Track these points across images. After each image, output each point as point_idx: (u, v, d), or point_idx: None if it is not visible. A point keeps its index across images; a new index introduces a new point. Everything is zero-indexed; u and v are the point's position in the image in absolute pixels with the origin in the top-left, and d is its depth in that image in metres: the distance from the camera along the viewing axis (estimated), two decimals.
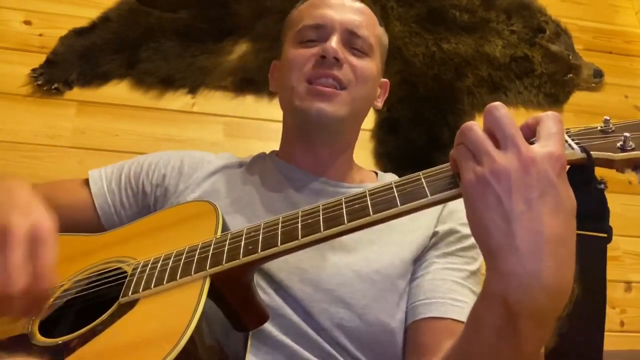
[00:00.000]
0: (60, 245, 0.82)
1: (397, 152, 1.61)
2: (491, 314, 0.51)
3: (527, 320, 0.48)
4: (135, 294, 0.65)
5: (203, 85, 1.62)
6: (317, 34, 0.90)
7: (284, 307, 0.77)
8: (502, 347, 0.51)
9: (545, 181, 0.47)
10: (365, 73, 0.90)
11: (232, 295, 0.65)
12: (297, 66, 0.89)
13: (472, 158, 0.51)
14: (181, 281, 0.64)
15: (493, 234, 0.48)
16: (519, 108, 1.82)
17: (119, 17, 1.63)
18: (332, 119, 0.86)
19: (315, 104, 0.86)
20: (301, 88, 0.88)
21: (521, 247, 0.46)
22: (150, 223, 0.82)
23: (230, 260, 0.63)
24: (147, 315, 0.63)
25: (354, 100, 0.89)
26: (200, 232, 0.72)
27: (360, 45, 0.91)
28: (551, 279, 0.46)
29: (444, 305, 0.78)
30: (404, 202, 0.56)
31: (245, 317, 0.67)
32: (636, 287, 1.64)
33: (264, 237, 0.63)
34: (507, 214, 0.47)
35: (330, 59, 0.86)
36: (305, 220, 0.62)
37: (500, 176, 0.48)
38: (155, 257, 0.70)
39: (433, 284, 0.81)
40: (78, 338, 0.63)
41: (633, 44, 2.05)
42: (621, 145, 0.51)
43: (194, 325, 0.57)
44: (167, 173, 0.95)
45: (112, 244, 0.80)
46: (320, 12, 0.91)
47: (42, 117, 1.50)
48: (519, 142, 0.49)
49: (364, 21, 0.92)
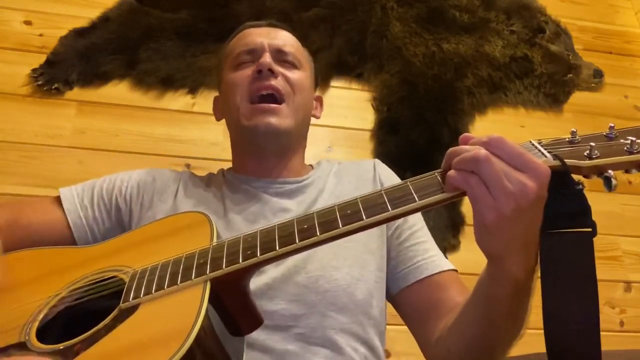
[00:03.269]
0: (53, 257, 0.83)
1: (397, 152, 1.61)
2: (504, 290, 0.63)
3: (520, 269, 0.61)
4: (136, 299, 0.65)
5: (203, 85, 1.62)
6: (251, 56, 0.99)
7: (274, 312, 0.79)
8: (518, 299, 0.64)
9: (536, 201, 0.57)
10: (300, 83, 0.99)
11: (230, 299, 0.66)
12: (237, 86, 0.97)
13: (487, 193, 0.56)
14: (182, 285, 0.64)
15: (502, 247, 0.59)
16: (519, 108, 1.82)
17: (119, 17, 1.63)
18: (279, 130, 0.94)
19: (263, 119, 0.93)
20: (245, 107, 0.95)
21: (517, 248, 0.59)
22: (144, 234, 0.83)
23: (230, 264, 0.65)
24: (150, 317, 0.63)
25: (295, 110, 0.97)
26: (195, 240, 0.73)
27: (289, 59, 1.00)
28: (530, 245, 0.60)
29: (427, 264, 0.91)
30: (394, 207, 0.61)
31: (241, 321, 0.68)
32: (636, 287, 1.64)
33: (262, 241, 0.66)
34: (517, 232, 0.58)
35: (265, 71, 0.95)
36: (301, 225, 0.65)
37: (516, 212, 0.56)
38: (153, 264, 0.71)
39: (410, 250, 0.93)
40: (81, 342, 0.63)
41: (633, 44, 2.05)
42: (588, 154, 0.57)
43: (200, 323, 0.57)
44: (140, 188, 0.98)
45: (106, 254, 0.81)
46: (251, 39, 1.02)
47: (42, 117, 1.50)
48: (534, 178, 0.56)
49: (289, 41, 1.03)
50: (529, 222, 0.57)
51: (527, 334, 0.70)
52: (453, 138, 1.66)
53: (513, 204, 0.55)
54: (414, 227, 0.95)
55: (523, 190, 0.55)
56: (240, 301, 0.67)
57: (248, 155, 1.00)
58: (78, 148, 1.49)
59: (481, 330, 0.71)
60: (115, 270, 0.74)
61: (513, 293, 0.63)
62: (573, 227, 0.57)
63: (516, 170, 0.56)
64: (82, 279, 0.76)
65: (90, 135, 1.51)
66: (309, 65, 1.07)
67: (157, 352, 0.56)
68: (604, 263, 1.64)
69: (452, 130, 1.67)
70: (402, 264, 0.92)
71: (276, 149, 0.97)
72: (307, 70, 1.04)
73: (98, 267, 0.77)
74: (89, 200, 0.98)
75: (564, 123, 1.82)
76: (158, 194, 0.97)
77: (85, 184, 1.01)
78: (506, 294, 0.63)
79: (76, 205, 0.97)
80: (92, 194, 0.98)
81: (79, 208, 0.97)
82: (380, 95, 1.71)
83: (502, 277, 0.62)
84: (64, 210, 0.96)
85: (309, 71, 1.06)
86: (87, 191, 0.99)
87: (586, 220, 0.57)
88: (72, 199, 0.97)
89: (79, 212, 0.96)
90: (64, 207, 0.96)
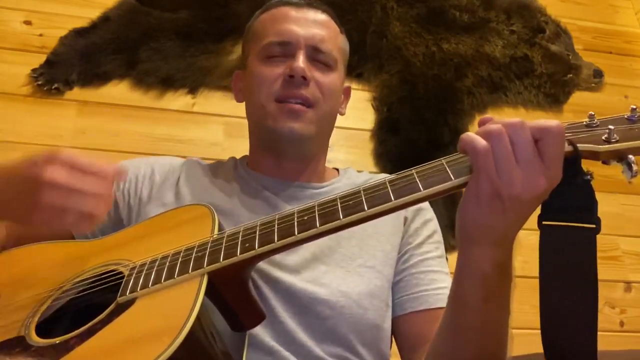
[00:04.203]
0: (54, 251, 0.83)
1: (397, 152, 1.61)
2: (471, 288, 0.60)
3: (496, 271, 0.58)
4: (133, 292, 0.65)
5: (203, 85, 1.62)
6: (283, 50, 0.91)
7: (277, 308, 0.78)
8: (488, 307, 0.60)
9: (536, 202, 0.54)
10: (331, 88, 0.93)
11: (229, 293, 0.65)
12: (265, 84, 0.91)
13: (493, 166, 0.53)
14: (179, 279, 0.64)
15: (481, 229, 0.56)
16: (519, 108, 1.82)
17: (119, 17, 1.63)
18: (302, 136, 0.89)
19: (287, 124, 0.88)
20: (271, 108, 0.90)
21: (491, 240, 0.57)
22: (146, 227, 0.82)
23: (227, 257, 0.64)
24: (145, 312, 0.63)
25: (321, 117, 0.91)
26: (197, 233, 0.72)
27: (324, 59, 0.92)
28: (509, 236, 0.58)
29: (430, 296, 0.84)
30: (397, 197, 0.58)
31: (243, 316, 0.67)
32: (636, 287, 1.64)
33: (261, 234, 0.64)
34: (501, 222, 0.55)
35: (298, 79, 0.88)
36: (301, 217, 0.63)
37: (513, 201, 0.53)
38: (152, 257, 0.70)
39: (416, 278, 0.87)
40: (76, 337, 0.63)
41: (633, 44, 2.05)
42: (606, 138, 0.53)
43: (193, 318, 0.57)
44: (138, 181, 0.95)
45: (108, 248, 0.80)
46: (285, 27, 0.92)
47: (42, 117, 1.50)
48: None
49: (327, 35, 0.94)
50: (517, 218, 0.55)
51: (527, 334, 0.70)
52: (453, 138, 1.66)
53: (515, 191, 0.52)
54: (428, 254, 0.89)
55: (531, 183, 0.52)
56: (240, 295, 0.67)
57: (267, 154, 0.95)
58: (78, 148, 1.49)
59: (449, 343, 0.67)
60: (116, 263, 0.74)
61: (482, 297, 0.59)
62: (576, 221, 0.54)
63: (536, 159, 0.52)
64: (84, 273, 0.76)
65: (90, 135, 1.51)
66: (344, 59, 0.99)
67: (150, 347, 0.56)
68: (604, 263, 1.64)
69: (452, 130, 1.67)
70: (402, 291, 0.86)
71: (297, 154, 0.94)
72: (342, 67, 0.97)
73: (99, 261, 0.77)
74: None
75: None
76: (157, 187, 0.94)
77: None
78: (473, 294, 0.60)
79: None
80: None
81: None
82: (380, 95, 1.71)
83: (468, 270, 0.59)
84: None
85: (343, 67, 0.98)
86: None
87: (591, 216, 0.54)
88: None
89: None
90: None
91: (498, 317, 0.63)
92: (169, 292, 0.64)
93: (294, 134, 0.88)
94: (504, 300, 0.62)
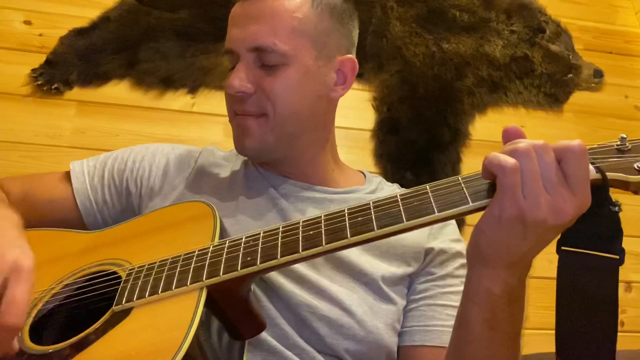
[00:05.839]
0: (52, 241, 0.80)
1: (397, 152, 1.61)
2: (477, 308, 0.56)
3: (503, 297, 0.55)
4: (129, 302, 0.63)
5: (203, 85, 1.62)
6: (231, 59, 0.86)
7: (278, 317, 0.75)
8: (494, 336, 0.57)
9: (560, 229, 0.52)
10: (282, 89, 0.82)
11: (229, 305, 0.63)
12: (226, 101, 0.88)
13: (519, 187, 0.50)
14: (177, 291, 0.62)
15: (497, 250, 0.53)
16: (519, 108, 1.82)
17: (119, 17, 1.63)
18: (256, 151, 0.85)
19: (239, 141, 0.86)
20: (233, 125, 0.88)
21: (506, 263, 0.54)
22: (146, 223, 0.80)
23: (227, 271, 0.61)
24: (141, 326, 0.61)
25: (279, 122, 0.83)
26: (198, 236, 0.69)
27: (269, 59, 0.81)
28: (527, 258, 0.55)
29: (444, 333, 0.78)
30: (409, 218, 0.54)
31: (242, 327, 0.65)
32: (636, 287, 1.64)
33: (263, 247, 0.61)
34: (519, 246, 0.52)
35: (236, 96, 0.83)
36: (307, 231, 0.60)
37: (537, 226, 0.50)
38: (150, 263, 0.68)
39: (433, 310, 0.81)
40: (70, 347, 0.61)
41: (633, 44, 2.04)
42: (639, 167, 0.50)
43: (191, 337, 0.55)
44: (152, 172, 0.92)
45: (106, 243, 0.77)
46: (229, 33, 0.86)
47: (42, 117, 1.50)
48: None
49: (265, 26, 0.81)
50: (537, 242, 0.52)
51: (527, 334, 0.69)
52: (453, 138, 1.66)
53: (540, 215, 0.49)
54: (450, 287, 0.83)
55: (557, 208, 0.49)
56: (240, 307, 0.64)
57: None
58: (78, 148, 1.49)
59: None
60: (113, 264, 0.72)
61: (487, 322, 0.56)
62: (598, 250, 0.52)
63: (562, 182, 0.49)
64: (79, 271, 0.74)
65: (90, 135, 1.51)
66: (309, 36, 0.83)
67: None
68: None
69: (452, 130, 1.67)
70: (415, 320, 0.81)
71: (274, 160, 0.89)
72: (304, 50, 0.82)
73: (96, 259, 0.74)
74: (99, 180, 0.92)
75: (564, 123, 1.82)
76: (169, 179, 0.91)
77: (97, 159, 0.95)
78: (478, 318, 0.56)
79: (86, 185, 0.91)
80: (102, 173, 0.93)
81: (89, 189, 0.91)
82: (380, 95, 1.70)
83: (476, 292, 0.56)
84: (73, 189, 0.90)
85: (309, 45, 0.83)
86: (99, 169, 0.93)
87: (615, 247, 0.52)
88: (83, 178, 0.92)
89: (89, 194, 0.91)
90: (73, 187, 0.91)
91: (504, 354, 0.59)
92: (165, 305, 0.62)
93: (246, 150, 0.86)
94: (512, 334, 0.58)
